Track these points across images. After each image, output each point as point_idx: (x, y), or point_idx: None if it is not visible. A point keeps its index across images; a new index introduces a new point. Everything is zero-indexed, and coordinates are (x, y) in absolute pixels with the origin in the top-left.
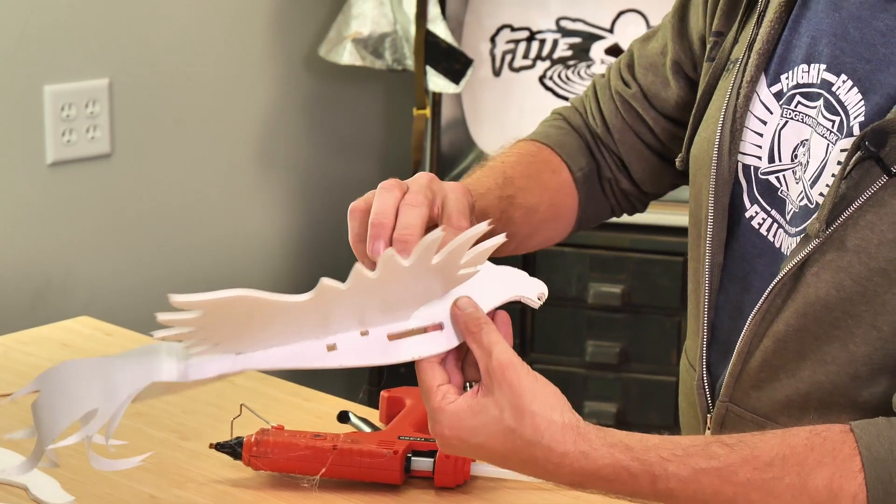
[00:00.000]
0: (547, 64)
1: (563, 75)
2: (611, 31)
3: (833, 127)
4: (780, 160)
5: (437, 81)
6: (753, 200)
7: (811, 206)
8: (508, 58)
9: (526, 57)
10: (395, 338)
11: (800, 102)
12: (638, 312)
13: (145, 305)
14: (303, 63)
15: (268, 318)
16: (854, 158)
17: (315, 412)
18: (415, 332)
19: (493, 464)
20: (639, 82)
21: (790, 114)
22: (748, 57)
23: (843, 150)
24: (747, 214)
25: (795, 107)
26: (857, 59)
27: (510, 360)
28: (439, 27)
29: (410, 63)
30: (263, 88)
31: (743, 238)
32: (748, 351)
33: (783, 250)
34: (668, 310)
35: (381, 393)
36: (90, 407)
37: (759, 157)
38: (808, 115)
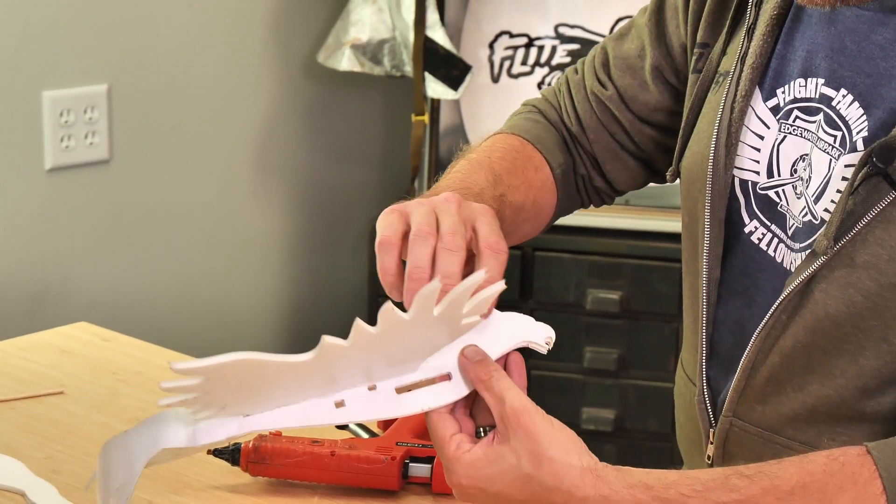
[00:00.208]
0: (545, 70)
1: None
2: None
3: (835, 142)
4: (780, 175)
5: (435, 88)
6: (753, 215)
7: (816, 222)
8: (507, 64)
9: (524, 63)
10: (403, 391)
11: (798, 117)
12: (636, 319)
13: (144, 311)
14: (301, 69)
15: (272, 379)
16: (861, 174)
17: None
18: (423, 384)
19: None
20: (615, 83)
21: (789, 129)
22: (740, 70)
23: (847, 166)
24: (747, 230)
25: (794, 121)
26: (856, 73)
27: (524, 406)
28: (438, 33)
29: (409, 69)
30: (262, 94)
31: (742, 253)
32: (752, 366)
33: (785, 265)
34: (667, 316)
35: None
36: (119, 482)
37: (758, 172)
38: (807, 129)
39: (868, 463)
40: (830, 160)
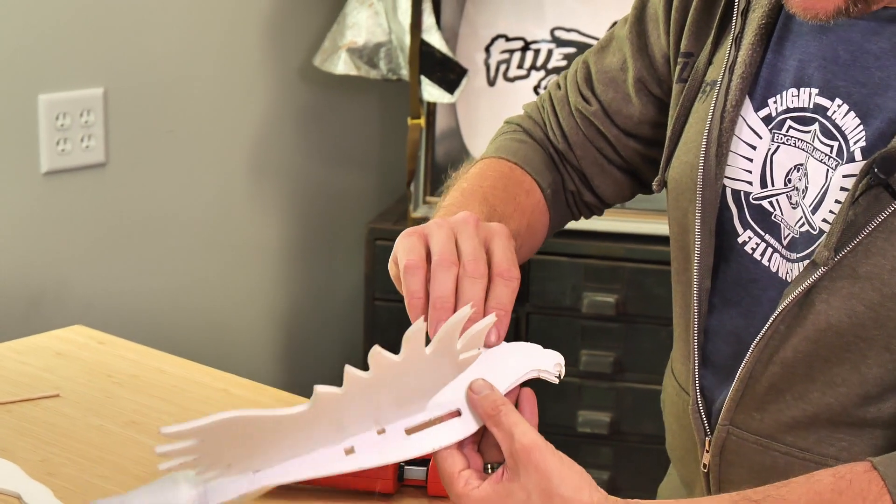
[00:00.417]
0: (541, 74)
1: None
2: None
3: (831, 152)
4: (773, 185)
5: (431, 91)
6: (746, 226)
7: (814, 233)
8: (503, 68)
9: (520, 67)
10: (413, 431)
11: (792, 127)
12: (632, 322)
13: (140, 315)
14: (298, 73)
15: (273, 433)
16: (862, 185)
17: None
18: (433, 423)
19: None
20: (599, 98)
21: (782, 139)
22: (729, 80)
23: (846, 176)
24: (740, 240)
25: (787, 131)
26: (851, 82)
27: (534, 442)
28: (434, 37)
29: (405, 73)
30: (258, 98)
31: (736, 263)
32: (751, 376)
33: (781, 275)
34: (663, 319)
35: None
36: None
37: (750, 183)
38: (801, 139)
39: (876, 479)
40: (827, 170)
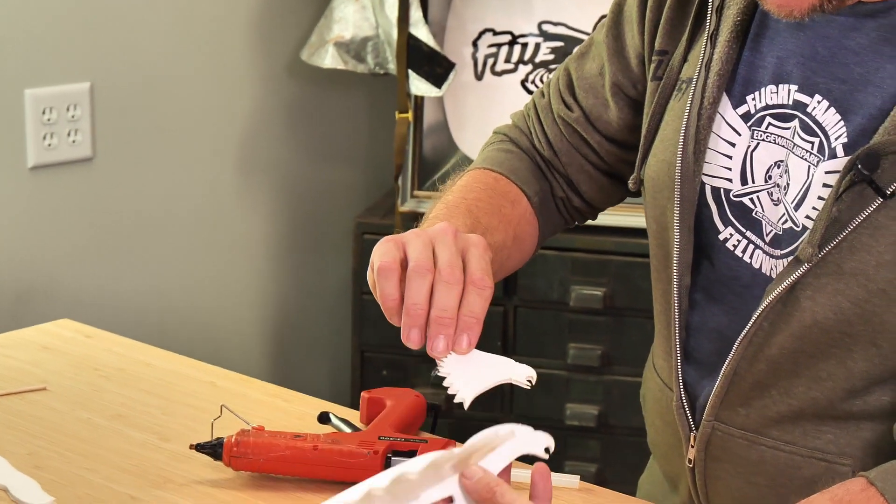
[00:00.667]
0: (529, 68)
1: (545, 79)
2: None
3: (812, 148)
4: (754, 182)
5: (419, 85)
6: (727, 223)
7: (797, 229)
8: (490, 62)
9: (508, 61)
10: None
11: (771, 124)
12: (619, 315)
13: (127, 309)
14: (285, 67)
15: None
16: (846, 181)
17: (295, 413)
18: None
19: None
20: (580, 105)
21: (761, 135)
22: (705, 77)
23: (828, 173)
24: (721, 237)
25: (767, 128)
26: (830, 79)
27: None
28: (421, 31)
29: (392, 67)
30: (245, 92)
31: (717, 260)
32: (735, 372)
33: (765, 272)
34: (650, 313)
35: (362, 394)
36: None
37: (730, 180)
38: (781, 136)
39: (874, 496)
40: (809, 167)
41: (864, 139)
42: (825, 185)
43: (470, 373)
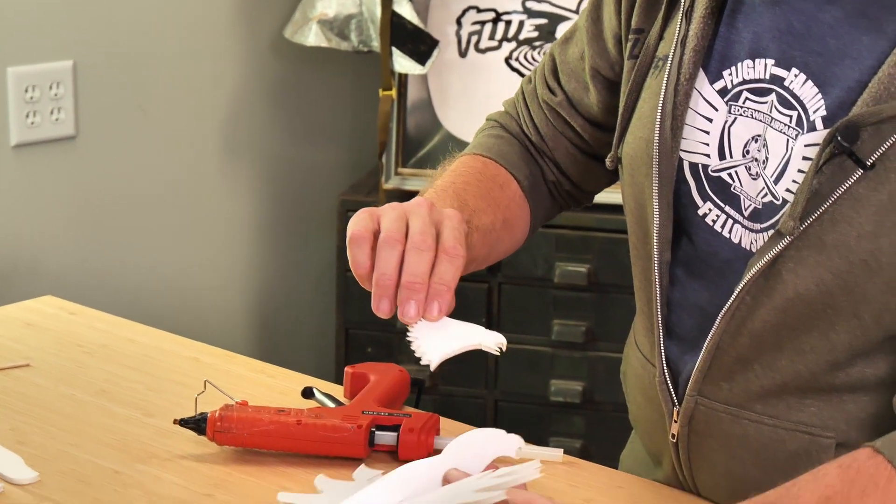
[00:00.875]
0: (513, 45)
1: (529, 56)
2: (576, 12)
3: (791, 122)
4: (731, 156)
5: (402, 63)
6: (706, 198)
7: (777, 203)
8: (474, 39)
9: (492, 38)
10: None
11: (748, 98)
12: (604, 292)
13: (111, 287)
14: (268, 45)
15: None
16: (825, 154)
17: (279, 388)
18: None
19: None
20: (563, 90)
21: (739, 110)
22: (681, 54)
23: (807, 146)
24: (700, 212)
25: (744, 103)
26: (806, 52)
27: (528, 499)
28: (405, 8)
29: (376, 44)
30: (229, 70)
31: (697, 236)
32: (718, 347)
33: (744, 246)
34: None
35: (346, 369)
36: None
37: (708, 155)
38: (758, 110)
39: (882, 463)
40: (788, 140)
41: (842, 112)
42: (805, 158)
43: (439, 337)
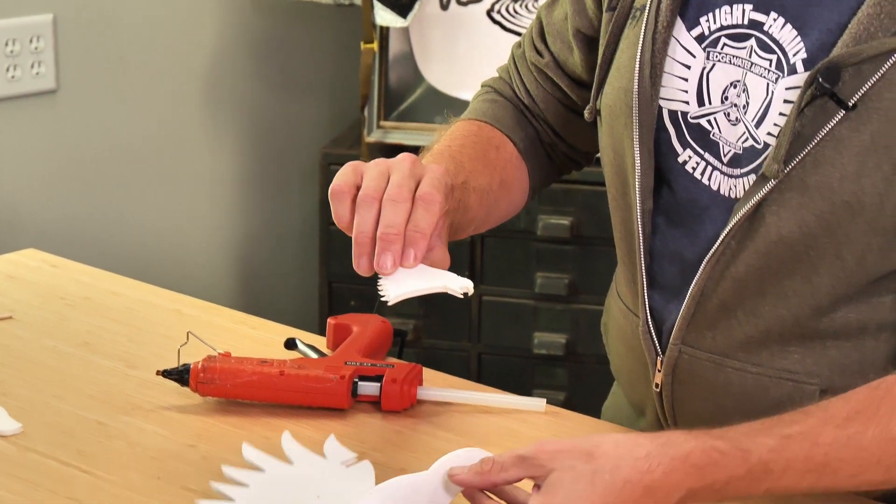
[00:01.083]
0: None
1: (511, 9)
2: None
3: (771, 66)
4: (710, 103)
5: (384, 16)
6: (686, 145)
7: (759, 147)
8: None
9: None
10: None
11: (726, 44)
12: (587, 244)
13: (93, 241)
14: None
15: None
16: (807, 96)
17: (262, 340)
18: None
19: None
20: (550, 50)
21: (717, 56)
22: (658, 2)
23: (788, 89)
24: (680, 159)
25: (722, 49)
26: None
27: (538, 443)
28: None
29: None
30: (210, 23)
31: (677, 184)
32: (702, 294)
33: (722, 193)
34: None
35: (328, 320)
36: None
37: (687, 102)
38: (737, 56)
39: None
40: (768, 84)
41: (823, 54)
42: (786, 102)
43: (406, 277)
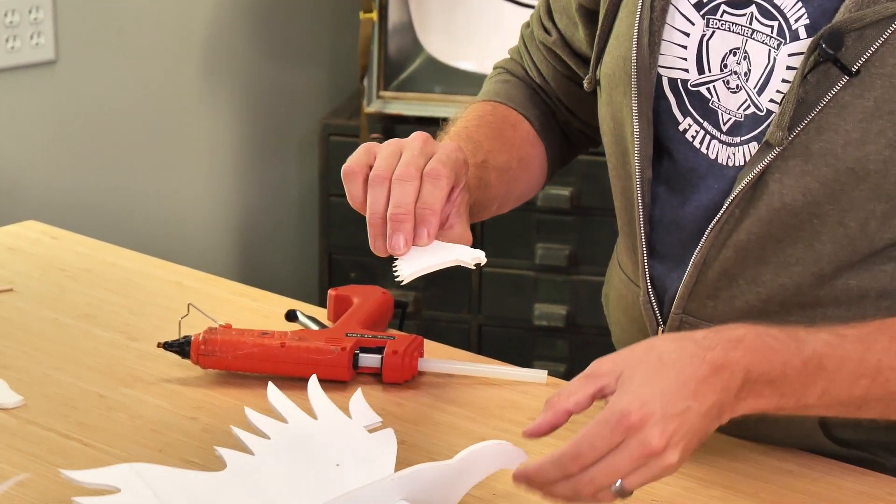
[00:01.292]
0: None
1: None
2: None
3: (773, 32)
4: (710, 71)
5: None
6: (686, 113)
7: (761, 114)
8: None
9: None
10: None
11: (726, 12)
12: (587, 215)
13: (93, 212)
14: None
15: None
16: (811, 61)
17: (262, 311)
18: None
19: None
20: (557, 28)
21: (716, 24)
22: None
23: (791, 55)
24: (681, 128)
25: (721, 16)
26: None
27: (594, 361)
28: None
29: None
30: None
31: (677, 152)
32: (704, 262)
33: (721, 161)
34: None
35: (329, 291)
36: None
37: (687, 70)
38: (736, 23)
39: None
40: (769, 50)
41: (825, 20)
42: (789, 68)
43: (418, 255)
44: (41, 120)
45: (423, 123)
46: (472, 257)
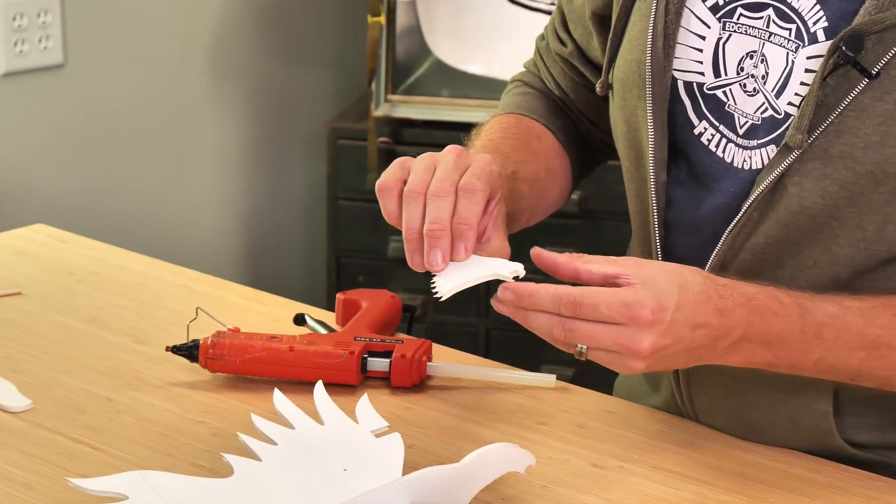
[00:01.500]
0: None
1: None
2: None
3: (791, 35)
4: (726, 74)
5: None
6: (702, 116)
7: (779, 117)
8: None
9: None
10: None
11: (742, 14)
12: (595, 219)
13: (101, 215)
14: None
15: None
16: (830, 64)
17: (271, 315)
18: None
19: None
20: (573, 38)
21: (733, 27)
22: None
23: (809, 58)
24: (696, 131)
25: (738, 19)
26: None
27: (627, 257)
28: None
29: None
30: None
31: (693, 156)
32: (721, 265)
33: (736, 165)
34: (625, 216)
35: (338, 295)
36: None
37: (703, 73)
38: (753, 26)
39: None
40: (787, 53)
41: (844, 22)
42: (808, 71)
43: (456, 271)
44: (49, 123)
45: (430, 127)
46: (510, 270)
